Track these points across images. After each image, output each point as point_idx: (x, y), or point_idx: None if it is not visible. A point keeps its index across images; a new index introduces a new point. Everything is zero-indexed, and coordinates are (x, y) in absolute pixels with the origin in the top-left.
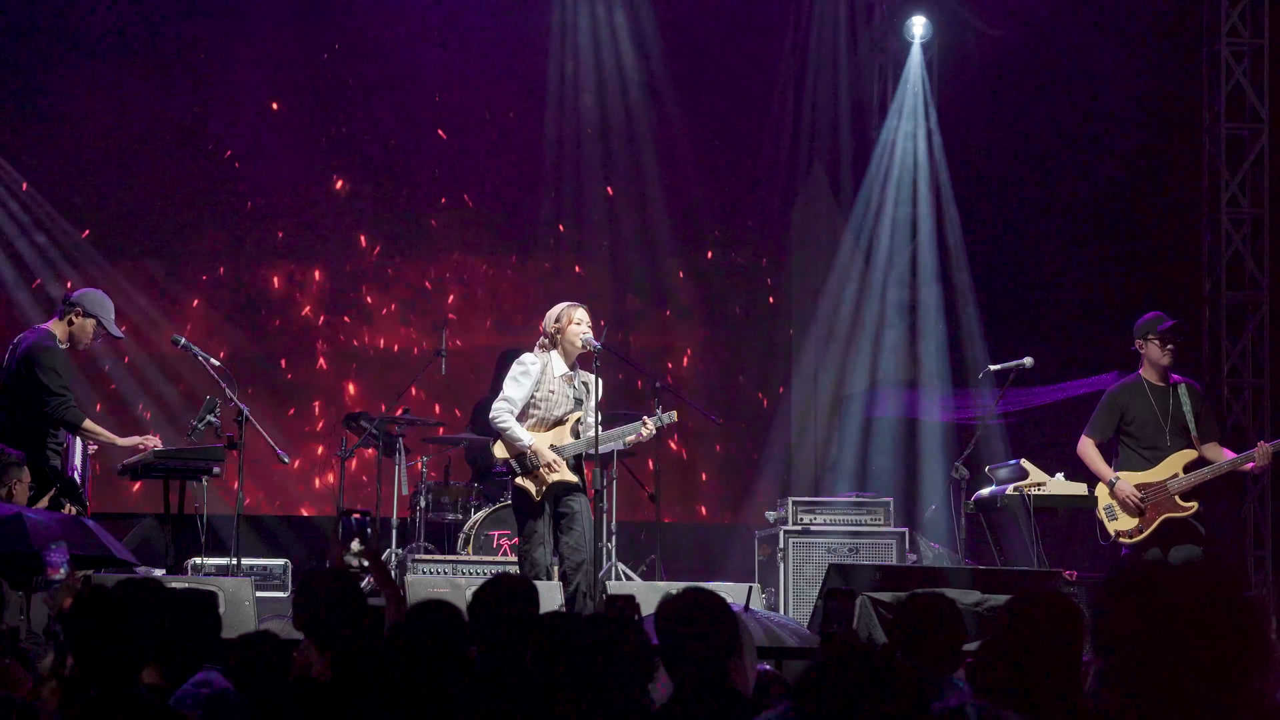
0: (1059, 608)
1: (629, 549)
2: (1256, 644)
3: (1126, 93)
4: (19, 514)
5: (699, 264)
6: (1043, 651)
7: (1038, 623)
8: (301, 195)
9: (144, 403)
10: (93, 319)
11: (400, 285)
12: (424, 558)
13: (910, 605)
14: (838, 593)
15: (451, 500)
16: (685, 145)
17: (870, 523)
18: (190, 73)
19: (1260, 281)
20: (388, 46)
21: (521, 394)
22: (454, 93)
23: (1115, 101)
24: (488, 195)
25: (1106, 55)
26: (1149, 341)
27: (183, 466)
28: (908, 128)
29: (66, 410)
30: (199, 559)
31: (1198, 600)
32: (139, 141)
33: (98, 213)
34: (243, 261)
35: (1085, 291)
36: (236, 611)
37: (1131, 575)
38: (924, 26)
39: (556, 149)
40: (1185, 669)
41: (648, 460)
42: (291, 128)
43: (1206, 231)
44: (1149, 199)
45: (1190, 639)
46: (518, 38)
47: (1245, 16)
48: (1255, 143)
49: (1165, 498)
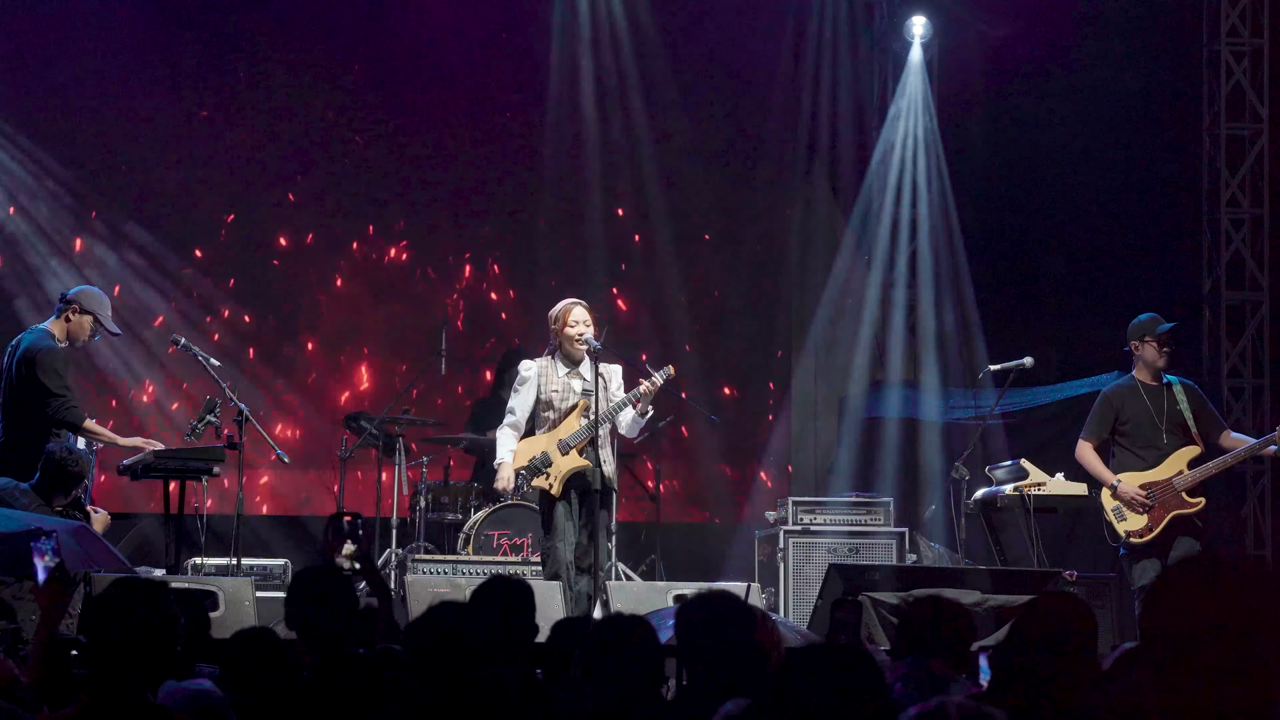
0: (1073, 608)
1: (629, 549)
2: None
3: (1126, 92)
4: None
5: (699, 264)
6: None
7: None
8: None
9: (144, 402)
10: (90, 316)
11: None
12: (424, 558)
13: (917, 607)
14: (845, 603)
15: (451, 500)
16: (685, 145)
17: (870, 523)
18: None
19: (1260, 281)
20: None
21: (521, 403)
22: (454, 94)
23: (1115, 101)
24: (486, 194)
25: (1106, 55)
26: (1145, 343)
27: (183, 466)
28: (908, 128)
29: (68, 410)
30: (199, 559)
31: (1254, 601)
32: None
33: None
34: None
35: (1085, 291)
36: (236, 611)
37: (1188, 569)
38: (924, 26)
39: (555, 147)
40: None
41: (648, 460)
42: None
43: (1206, 231)
44: (1149, 199)
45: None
46: (517, 36)
47: (1245, 16)
48: (1255, 143)
49: (1172, 495)
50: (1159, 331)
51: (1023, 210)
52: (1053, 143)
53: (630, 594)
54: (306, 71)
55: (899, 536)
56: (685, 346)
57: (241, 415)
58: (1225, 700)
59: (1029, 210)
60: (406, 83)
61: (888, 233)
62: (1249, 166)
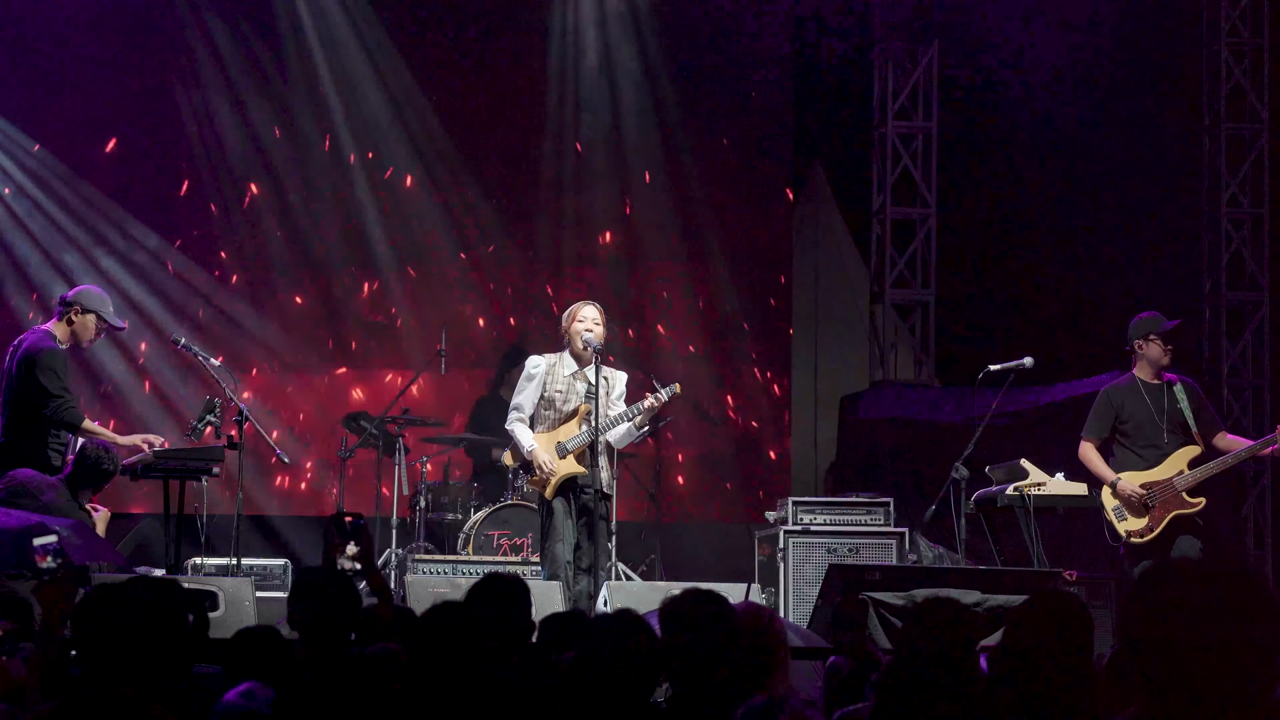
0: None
1: (629, 549)
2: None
3: (1127, 93)
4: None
5: (699, 264)
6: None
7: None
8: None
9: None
10: (92, 314)
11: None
12: (424, 558)
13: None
14: (849, 600)
15: (451, 500)
16: (685, 145)
17: (870, 523)
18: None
19: (1260, 281)
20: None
21: (526, 399)
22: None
23: (1115, 101)
24: (487, 192)
25: (1106, 55)
26: (1149, 341)
27: (182, 466)
28: (908, 127)
29: (66, 411)
30: (199, 559)
31: (1228, 602)
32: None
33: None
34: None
35: (1085, 291)
36: (236, 611)
37: (1164, 571)
38: (924, 27)
39: (556, 145)
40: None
41: (648, 460)
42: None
43: (1206, 231)
44: (1149, 199)
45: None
46: (516, 35)
47: (1245, 16)
48: (1255, 143)
49: (1173, 495)
50: (1163, 329)
51: (1023, 210)
52: (1053, 143)
53: (630, 594)
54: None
55: (899, 536)
56: (689, 347)
57: (241, 415)
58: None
59: (1029, 210)
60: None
61: (888, 233)
62: (1249, 166)
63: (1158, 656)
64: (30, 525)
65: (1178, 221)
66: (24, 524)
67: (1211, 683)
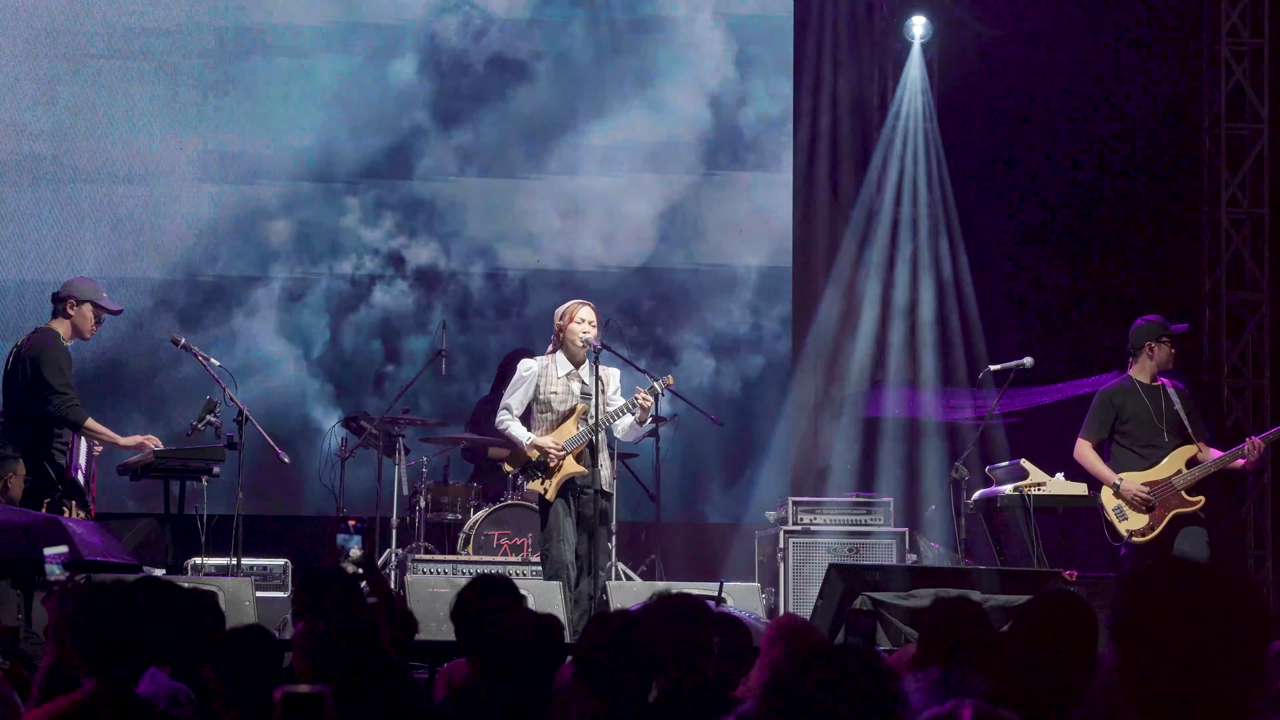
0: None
1: (629, 549)
2: (1261, 656)
3: (1126, 93)
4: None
5: (699, 265)
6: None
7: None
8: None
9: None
10: (88, 303)
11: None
12: (424, 558)
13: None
14: (859, 611)
15: (451, 500)
16: (685, 144)
17: (870, 523)
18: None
19: (1260, 281)
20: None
21: (516, 400)
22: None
23: (1115, 101)
24: None
25: (1106, 55)
26: (1161, 344)
27: (183, 466)
28: (908, 127)
29: (69, 409)
30: (199, 559)
31: (1215, 602)
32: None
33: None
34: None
35: (1085, 291)
36: (236, 611)
37: (1152, 571)
38: (924, 26)
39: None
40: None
41: (648, 460)
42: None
43: (1206, 231)
44: (1149, 199)
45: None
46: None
47: (1245, 16)
48: (1255, 143)
49: (1173, 494)
50: (1174, 330)
51: (1023, 210)
52: (1052, 142)
53: (630, 594)
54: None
55: (899, 536)
56: (685, 347)
57: (241, 415)
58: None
59: (1029, 210)
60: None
61: (888, 233)
62: (1249, 166)
63: (1144, 657)
64: (42, 520)
65: (1178, 221)
66: (37, 519)
67: (1197, 683)
